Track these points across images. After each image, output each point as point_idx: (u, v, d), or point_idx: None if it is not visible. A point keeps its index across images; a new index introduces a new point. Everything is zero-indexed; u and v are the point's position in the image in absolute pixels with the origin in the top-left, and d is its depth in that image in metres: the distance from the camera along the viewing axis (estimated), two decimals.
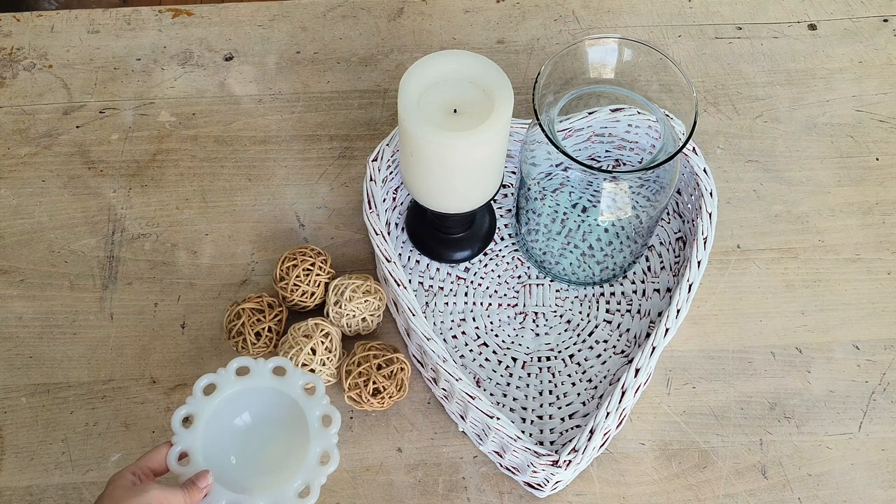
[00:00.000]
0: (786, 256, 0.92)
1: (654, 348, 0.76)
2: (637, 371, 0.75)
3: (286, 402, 0.70)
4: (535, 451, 0.72)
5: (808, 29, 1.07)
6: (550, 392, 0.84)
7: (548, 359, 0.85)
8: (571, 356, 0.85)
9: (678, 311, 0.78)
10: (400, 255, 0.90)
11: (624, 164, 0.92)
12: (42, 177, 0.95)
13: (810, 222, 0.94)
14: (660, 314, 0.86)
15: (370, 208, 0.82)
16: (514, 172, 0.94)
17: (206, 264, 0.90)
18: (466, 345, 0.86)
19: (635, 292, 0.88)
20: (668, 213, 0.92)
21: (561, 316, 0.87)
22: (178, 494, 0.64)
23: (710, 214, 0.83)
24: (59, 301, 0.88)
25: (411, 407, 0.83)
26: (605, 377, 0.84)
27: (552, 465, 0.72)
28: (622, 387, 0.75)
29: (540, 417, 0.82)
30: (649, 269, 0.90)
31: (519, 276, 0.89)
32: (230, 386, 0.70)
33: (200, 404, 0.69)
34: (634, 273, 0.89)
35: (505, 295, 0.88)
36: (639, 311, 0.87)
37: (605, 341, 0.86)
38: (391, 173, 0.87)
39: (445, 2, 1.08)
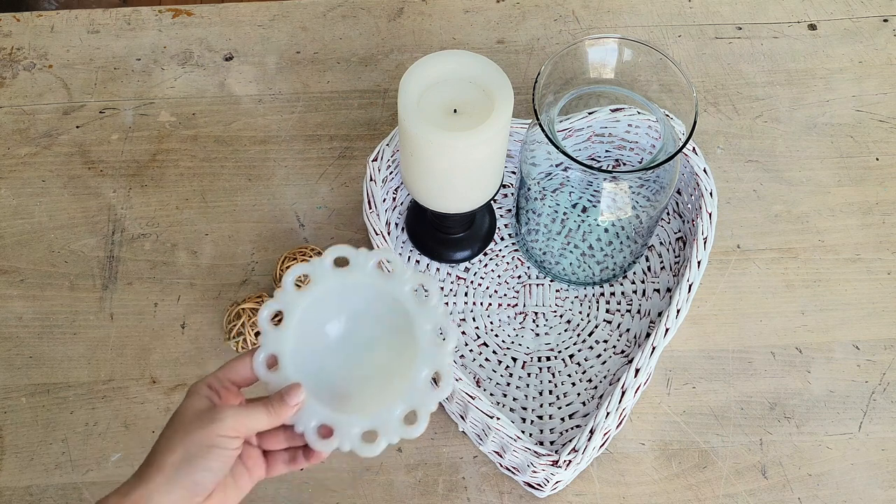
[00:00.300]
0: (786, 256, 0.92)
1: (654, 348, 0.76)
2: (637, 371, 0.75)
3: (392, 305, 0.59)
4: (535, 451, 0.72)
5: (808, 29, 1.07)
6: (550, 392, 0.84)
7: (548, 359, 0.85)
8: (571, 356, 0.85)
9: (678, 311, 0.78)
10: (400, 255, 0.90)
11: (624, 164, 0.92)
12: (42, 177, 0.95)
13: (810, 222, 0.94)
14: (660, 314, 0.86)
15: (370, 208, 0.82)
16: (514, 172, 0.94)
17: (206, 264, 0.90)
18: (466, 345, 0.86)
19: (635, 292, 0.88)
20: (668, 213, 0.92)
21: (561, 316, 0.87)
22: (261, 414, 0.54)
23: (710, 214, 0.83)
24: (59, 301, 0.88)
25: None
26: (605, 377, 0.84)
27: (552, 465, 0.72)
28: (622, 387, 0.75)
29: (540, 417, 0.82)
30: (649, 269, 0.90)
31: (519, 276, 0.89)
32: (326, 280, 0.59)
33: (292, 299, 0.58)
34: (634, 273, 0.89)
35: (505, 295, 0.88)
36: (639, 311, 0.87)
37: (605, 341, 0.86)
38: (391, 173, 0.87)
39: (445, 2, 1.08)
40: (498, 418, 0.73)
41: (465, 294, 0.88)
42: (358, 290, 0.60)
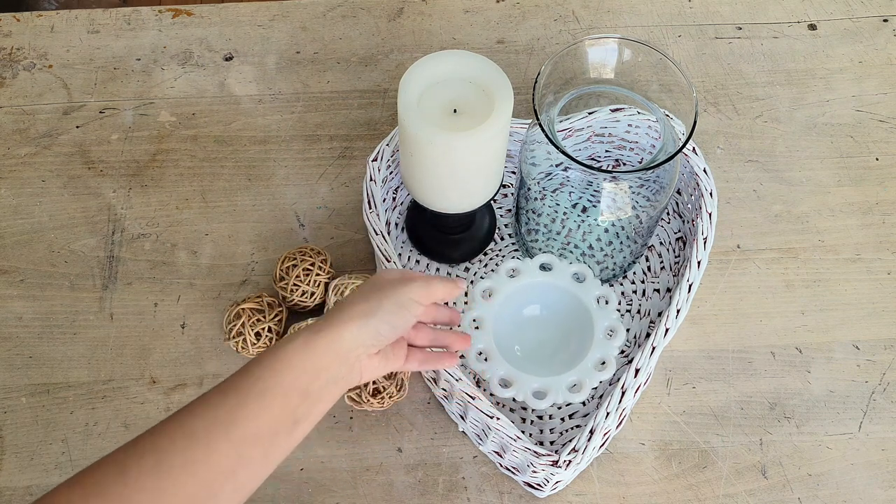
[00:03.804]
0: (786, 256, 0.92)
1: (654, 348, 0.76)
2: (637, 371, 0.75)
3: (578, 305, 0.74)
4: (535, 451, 0.72)
5: (808, 29, 1.07)
6: None
7: None
8: None
9: (678, 311, 0.78)
10: (400, 255, 0.90)
11: (624, 164, 0.92)
12: (42, 177, 0.95)
13: (810, 222, 0.94)
14: (660, 314, 0.86)
15: (370, 208, 0.82)
16: (514, 172, 0.94)
17: (206, 264, 0.90)
18: None
19: (635, 292, 0.88)
20: (668, 213, 0.92)
21: None
22: (440, 286, 0.65)
23: (710, 214, 0.83)
24: (59, 301, 0.88)
25: (411, 407, 0.83)
26: None
27: (552, 465, 0.72)
28: (622, 387, 0.75)
29: (540, 417, 0.82)
30: (649, 269, 0.90)
31: None
32: (532, 275, 0.75)
33: (502, 282, 0.75)
34: (634, 273, 0.89)
35: None
36: (639, 311, 0.87)
37: None
38: (391, 173, 0.87)
39: (445, 2, 1.08)
40: (498, 418, 0.73)
41: (465, 294, 0.88)
42: (555, 289, 0.75)
